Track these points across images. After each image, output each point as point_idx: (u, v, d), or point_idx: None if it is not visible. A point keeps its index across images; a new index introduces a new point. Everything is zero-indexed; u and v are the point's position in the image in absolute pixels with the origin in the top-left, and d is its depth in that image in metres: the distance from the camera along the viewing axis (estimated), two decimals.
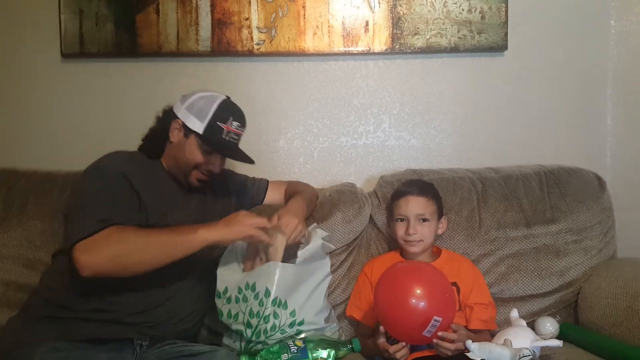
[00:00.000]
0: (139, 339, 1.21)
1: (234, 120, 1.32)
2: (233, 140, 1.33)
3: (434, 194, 1.46)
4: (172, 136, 1.34)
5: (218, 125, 1.30)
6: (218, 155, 1.34)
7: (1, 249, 1.50)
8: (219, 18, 1.74)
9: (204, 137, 1.30)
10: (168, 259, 1.16)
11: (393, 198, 1.48)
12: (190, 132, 1.31)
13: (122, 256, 1.13)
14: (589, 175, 1.68)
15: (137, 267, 1.15)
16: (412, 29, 1.77)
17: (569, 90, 1.84)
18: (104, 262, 1.11)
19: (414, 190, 1.43)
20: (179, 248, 1.17)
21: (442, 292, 1.22)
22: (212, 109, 1.30)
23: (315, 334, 1.37)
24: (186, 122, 1.31)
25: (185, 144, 1.32)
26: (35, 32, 1.77)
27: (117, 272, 1.14)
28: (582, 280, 1.55)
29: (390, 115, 1.83)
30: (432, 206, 1.42)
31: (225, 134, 1.31)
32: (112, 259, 1.12)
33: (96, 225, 1.13)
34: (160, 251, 1.16)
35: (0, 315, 1.43)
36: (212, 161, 1.33)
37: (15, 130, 1.80)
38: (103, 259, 1.11)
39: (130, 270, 1.15)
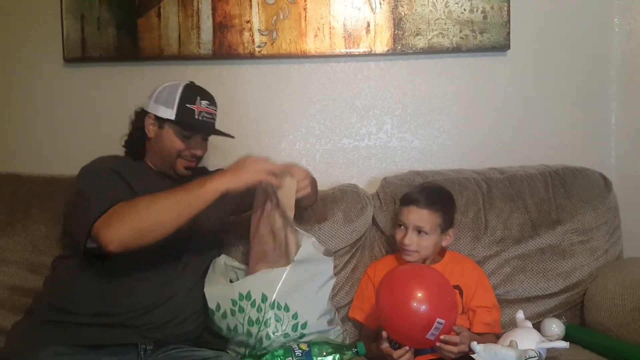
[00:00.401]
0: (143, 344, 1.21)
1: (201, 99, 1.34)
2: (207, 119, 1.35)
3: (443, 207, 1.40)
4: (148, 132, 1.36)
5: (187, 107, 1.32)
6: (197, 138, 1.35)
7: (6, 253, 1.50)
8: (220, 21, 1.74)
9: (177, 121, 1.32)
10: (184, 215, 1.15)
11: (400, 202, 1.46)
12: (164, 121, 1.33)
13: (141, 221, 1.13)
14: (595, 175, 1.66)
15: (158, 230, 1.14)
16: (414, 29, 1.76)
17: (572, 90, 1.83)
18: (126, 231, 1.12)
19: (421, 200, 1.38)
20: (192, 203, 1.15)
21: (443, 295, 1.21)
22: (178, 93, 1.33)
23: (320, 337, 1.37)
24: (157, 114, 1.34)
25: (163, 135, 1.34)
26: (38, 38, 1.78)
27: (141, 239, 1.13)
28: (588, 281, 1.53)
29: (392, 116, 1.82)
30: (436, 219, 1.37)
31: (197, 114, 1.32)
32: (132, 226, 1.12)
33: (106, 204, 1.15)
34: (175, 209, 1.15)
35: (6, 319, 1.44)
36: (192, 145, 1.34)
37: (19, 135, 1.81)
38: (124, 229, 1.12)
39: (152, 234, 1.14)
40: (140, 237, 1.13)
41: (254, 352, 1.33)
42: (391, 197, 1.60)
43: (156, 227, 1.14)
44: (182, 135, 1.33)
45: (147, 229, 1.13)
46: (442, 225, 1.39)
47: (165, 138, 1.34)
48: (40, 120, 1.81)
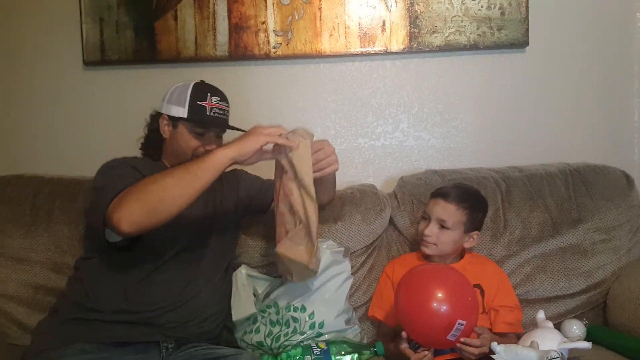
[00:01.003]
0: (165, 342, 1.23)
1: (212, 96, 1.35)
2: (219, 115, 1.35)
3: (470, 206, 1.38)
4: (163, 133, 1.38)
5: (199, 104, 1.33)
6: (211, 134, 1.36)
7: (30, 253, 1.54)
8: (236, 23, 1.75)
9: (190, 119, 1.33)
10: (195, 186, 1.12)
11: (430, 195, 1.45)
12: (177, 121, 1.35)
13: (150, 197, 1.11)
14: (616, 172, 1.63)
15: (168, 205, 1.12)
16: (430, 27, 1.75)
17: (593, 86, 1.80)
18: (136, 209, 1.10)
19: (450, 195, 1.38)
20: (200, 173, 1.13)
21: (464, 295, 1.20)
22: (189, 92, 1.34)
23: (337, 336, 1.37)
24: (170, 113, 1.36)
25: (177, 134, 1.36)
26: (58, 42, 1.81)
27: (153, 216, 1.11)
28: (610, 281, 1.50)
29: (408, 115, 1.81)
30: (460, 217, 1.36)
31: (209, 111, 1.34)
32: (141, 203, 1.10)
33: (117, 190, 1.15)
34: (183, 182, 1.13)
35: (31, 317, 1.49)
36: (206, 142, 1.35)
37: (40, 137, 1.85)
38: (134, 207, 1.10)
39: (163, 210, 1.11)
40: (152, 213, 1.10)
41: (272, 351, 1.35)
42: (408, 196, 1.60)
43: (166, 202, 1.11)
44: (195, 133, 1.34)
45: (157, 204, 1.11)
46: (466, 225, 1.38)
47: (180, 137, 1.35)
48: (61, 122, 1.84)
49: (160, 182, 1.13)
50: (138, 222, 1.10)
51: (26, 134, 1.85)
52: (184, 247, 1.32)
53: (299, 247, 1.20)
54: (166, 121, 1.38)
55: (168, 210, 1.12)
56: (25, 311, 1.51)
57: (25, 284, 1.52)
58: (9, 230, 1.55)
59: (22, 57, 1.83)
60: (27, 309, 1.51)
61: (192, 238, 1.33)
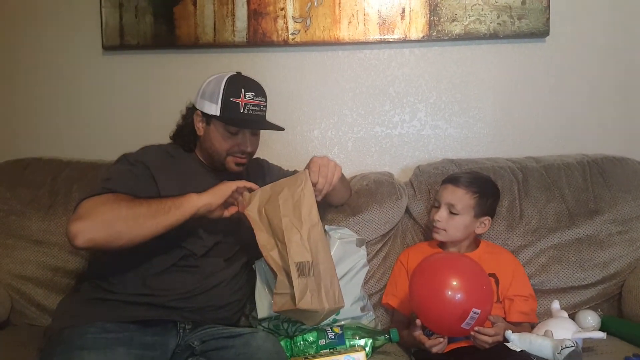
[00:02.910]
0: (182, 322, 1.25)
1: (246, 91, 1.27)
2: (254, 113, 1.28)
3: (479, 190, 1.39)
4: (198, 130, 1.33)
5: (232, 101, 1.26)
6: (245, 133, 1.30)
7: (48, 236, 1.55)
8: (254, 9, 1.75)
9: (223, 117, 1.27)
10: (163, 223, 1.13)
11: (441, 183, 1.47)
12: (210, 118, 1.29)
13: (118, 223, 1.11)
14: (635, 164, 1.63)
15: (134, 234, 1.12)
16: (450, 15, 1.73)
17: (613, 77, 1.78)
18: (100, 229, 1.09)
19: (459, 180, 1.40)
20: (172, 212, 1.14)
21: (479, 284, 1.20)
22: (222, 87, 1.27)
23: (352, 323, 1.38)
24: (203, 110, 1.30)
25: (210, 133, 1.30)
26: (78, 26, 1.82)
27: (113, 240, 1.11)
28: (626, 273, 1.50)
29: (426, 104, 1.80)
30: (469, 201, 1.37)
31: (243, 108, 1.26)
32: (108, 225, 1.10)
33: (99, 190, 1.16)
34: (155, 216, 1.13)
35: (49, 298, 1.51)
36: (241, 141, 1.30)
37: (59, 121, 1.87)
38: (99, 226, 1.09)
39: (126, 238, 1.11)
40: (113, 237, 1.11)
41: (287, 333, 1.37)
42: (425, 185, 1.60)
43: (131, 230, 1.12)
44: (228, 132, 1.28)
45: (122, 230, 1.11)
46: (475, 209, 1.38)
47: (213, 136, 1.30)
48: (80, 106, 1.86)
49: (132, 209, 1.13)
50: (95, 241, 1.10)
51: (45, 117, 1.87)
52: (212, 246, 1.30)
53: (287, 295, 1.12)
54: (200, 117, 1.32)
55: (130, 238, 1.12)
56: (43, 292, 1.53)
57: (43, 266, 1.54)
58: (28, 212, 1.57)
59: (42, 41, 1.84)
60: (45, 291, 1.53)
61: (218, 238, 1.32)
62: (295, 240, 1.12)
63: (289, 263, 1.10)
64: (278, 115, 1.77)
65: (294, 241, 1.12)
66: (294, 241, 1.12)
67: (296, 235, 1.13)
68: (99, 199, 1.15)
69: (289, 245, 1.11)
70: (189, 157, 1.37)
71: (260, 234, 1.16)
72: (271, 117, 1.76)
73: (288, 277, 1.11)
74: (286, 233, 1.12)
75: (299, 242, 1.12)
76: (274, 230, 1.15)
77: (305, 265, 1.11)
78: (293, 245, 1.12)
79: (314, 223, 1.16)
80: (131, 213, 1.12)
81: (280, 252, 1.14)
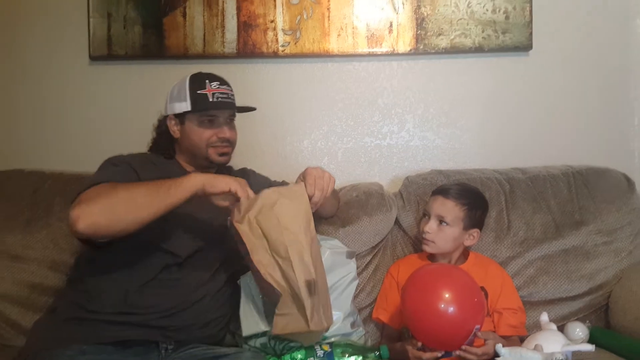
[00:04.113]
0: (164, 343, 1.20)
1: (210, 82, 1.33)
2: (223, 100, 1.33)
3: (469, 202, 1.40)
4: (174, 133, 1.36)
5: (199, 94, 1.31)
6: (220, 121, 1.33)
7: (27, 250, 1.50)
8: (244, 21, 1.75)
9: (195, 110, 1.31)
10: (164, 202, 1.11)
11: (430, 194, 1.47)
12: (183, 116, 1.33)
13: (117, 206, 1.10)
14: (618, 175, 1.65)
15: (134, 216, 1.10)
16: (436, 29, 1.76)
17: (595, 90, 1.82)
18: (99, 212, 1.08)
19: (449, 191, 1.41)
20: (172, 191, 1.12)
21: (471, 296, 1.20)
22: (187, 85, 1.33)
23: (342, 339, 1.36)
24: (175, 111, 1.34)
25: (186, 130, 1.33)
26: (65, 35, 1.80)
27: (114, 224, 1.09)
28: (612, 283, 1.52)
29: (414, 115, 1.82)
30: (459, 213, 1.38)
31: (211, 97, 1.31)
32: (107, 208, 1.09)
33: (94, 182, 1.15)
34: (154, 196, 1.11)
35: (25, 317, 1.45)
36: (218, 130, 1.33)
37: (43, 132, 1.83)
38: (98, 209, 1.08)
39: (127, 220, 1.10)
40: (113, 220, 1.09)
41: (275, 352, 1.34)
42: (414, 196, 1.61)
43: (130, 212, 1.10)
44: (203, 123, 1.32)
45: (122, 212, 1.10)
46: (465, 221, 1.39)
47: (190, 132, 1.33)
48: (65, 117, 1.83)
49: (131, 190, 1.12)
50: (96, 225, 1.08)
51: (30, 128, 1.83)
52: (195, 252, 1.28)
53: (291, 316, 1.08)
54: (174, 121, 1.35)
55: (131, 220, 1.10)
56: (19, 311, 1.47)
57: (20, 283, 1.48)
58: (7, 226, 1.52)
59: (28, 50, 1.81)
60: (21, 309, 1.47)
61: (204, 243, 1.30)
62: (300, 258, 1.08)
63: (297, 282, 1.05)
64: (267, 125, 1.79)
65: (299, 258, 1.07)
66: (299, 258, 1.07)
67: (300, 252, 1.08)
68: (97, 188, 1.14)
69: (295, 263, 1.06)
70: (171, 164, 1.38)
71: (255, 250, 1.10)
72: (260, 127, 1.77)
73: (293, 296, 1.06)
74: (290, 249, 1.08)
75: (303, 259, 1.08)
76: (273, 244, 1.09)
77: (312, 283, 1.08)
78: (299, 263, 1.07)
79: (313, 237, 1.13)
80: (130, 194, 1.11)
81: (282, 269, 1.08)
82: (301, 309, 1.07)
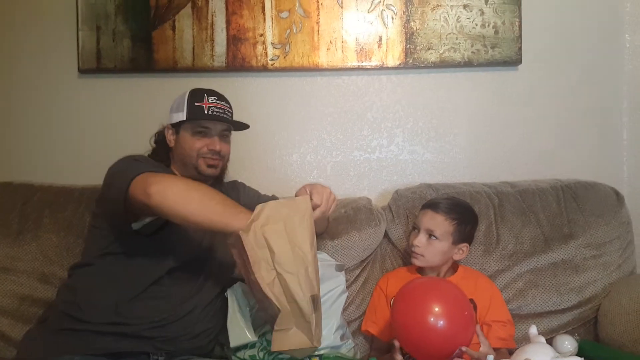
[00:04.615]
0: (155, 354, 1.21)
1: (208, 96, 1.37)
2: (218, 114, 1.37)
3: (459, 217, 1.40)
4: (169, 142, 1.40)
5: (196, 105, 1.35)
6: (214, 134, 1.36)
7: (16, 262, 1.51)
8: (234, 34, 1.76)
9: (189, 119, 1.35)
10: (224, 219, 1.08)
11: (421, 207, 1.47)
12: (179, 126, 1.37)
13: (194, 191, 1.12)
14: (607, 189, 1.66)
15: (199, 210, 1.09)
16: (426, 43, 1.78)
17: (584, 105, 1.84)
18: (177, 187, 1.11)
19: (439, 206, 1.41)
20: (225, 215, 1.09)
21: (460, 311, 1.19)
22: (186, 98, 1.38)
23: (331, 352, 1.36)
24: (172, 121, 1.39)
25: (180, 140, 1.37)
26: (53, 48, 1.80)
27: (181, 204, 1.09)
28: (601, 297, 1.52)
29: (403, 129, 1.83)
30: (448, 227, 1.38)
31: (207, 110, 1.35)
32: (184, 188, 1.12)
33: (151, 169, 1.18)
34: (222, 207, 1.10)
35: (15, 329, 1.45)
36: (211, 142, 1.36)
37: (32, 144, 1.83)
38: (178, 184, 1.13)
39: (192, 208, 1.09)
40: (184, 200, 1.10)
41: None
42: (403, 209, 1.61)
43: (199, 205, 1.10)
44: (196, 132, 1.35)
45: (194, 198, 1.10)
46: (454, 235, 1.39)
47: (183, 141, 1.36)
48: (54, 130, 1.82)
49: (211, 191, 1.14)
50: (169, 197, 1.09)
51: (18, 141, 1.83)
52: (184, 264, 1.30)
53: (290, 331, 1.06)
54: (170, 130, 1.40)
55: (194, 214, 1.09)
56: (9, 322, 1.46)
57: (10, 294, 1.48)
58: None
59: (17, 63, 1.81)
60: (11, 320, 1.47)
61: (191, 255, 1.32)
62: (306, 272, 1.06)
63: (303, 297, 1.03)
64: (257, 139, 1.79)
65: (305, 273, 1.06)
66: (305, 273, 1.06)
67: (306, 266, 1.06)
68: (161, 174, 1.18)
69: (302, 278, 1.05)
70: (168, 171, 1.39)
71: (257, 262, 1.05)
72: (249, 141, 1.77)
73: (294, 312, 1.04)
74: (297, 264, 1.06)
75: (308, 274, 1.06)
76: (278, 257, 1.05)
77: (316, 299, 1.06)
78: (305, 278, 1.05)
79: (315, 252, 1.11)
80: (204, 193, 1.12)
81: (284, 283, 1.05)
82: (301, 325, 1.05)
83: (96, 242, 1.30)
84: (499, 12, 1.77)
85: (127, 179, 1.15)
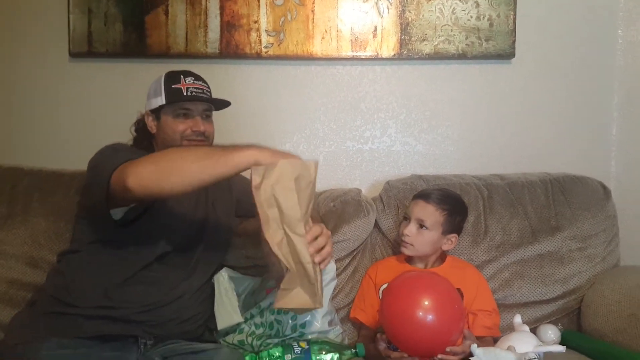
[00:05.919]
0: (143, 338, 1.22)
1: (185, 77, 1.35)
2: (197, 94, 1.35)
3: (449, 208, 1.42)
4: (151, 129, 1.38)
5: (174, 88, 1.33)
6: (196, 115, 1.34)
7: (5, 247, 1.50)
8: (228, 20, 1.74)
9: (169, 102, 1.33)
10: (210, 172, 1.06)
11: (412, 198, 1.49)
12: (159, 111, 1.35)
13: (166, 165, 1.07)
14: (594, 183, 1.68)
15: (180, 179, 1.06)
16: (420, 35, 1.78)
17: (575, 99, 1.85)
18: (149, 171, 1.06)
19: (430, 196, 1.43)
20: (222, 161, 1.05)
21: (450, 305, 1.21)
22: (162, 81, 1.35)
23: (319, 337, 1.38)
24: (151, 107, 1.36)
25: (162, 125, 1.35)
26: (44, 31, 1.77)
27: (161, 183, 1.06)
28: (585, 288, 1.55)
29: (396, 120, 1.83)
30: (439, 217, 1.40)
31: (185, 91, 1.33)
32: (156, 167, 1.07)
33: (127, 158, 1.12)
34: (203, 163, 1.06)
35: (3, 312, 1.44)
36: (194, 124, 1.34)
37: (22, 129, 1.81)
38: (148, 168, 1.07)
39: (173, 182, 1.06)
40: (161, 180, 1.06)
41: (253, 349, 1.35)
42: (394, 200, 1.62)
43: (177, 175, 1.06)
44: (177, 115, 1.33)
45: (170, 173, 1.06)
46: (444, 226, 1.41)
47: (165, 125, 1.34)
48: (44, 114, 1.80)
49: (181, 153, 1.12)
50: (145, 182, 1.05)
51: (6, 125, 1.80)
52: (173, 249, 1.30)
53: (294, 291, 1.06)
54: (150, 117, 1.37)
55: (177, 183, 1.06)
56: None
57: None
58: None
59: (6, 46, 1.78)
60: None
61: (181, 241, 1.32)
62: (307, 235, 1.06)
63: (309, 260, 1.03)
64: (249, 127, 1.79)
65: None
66: None
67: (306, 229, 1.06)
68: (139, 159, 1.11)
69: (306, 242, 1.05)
70: None
71: (266, 221, 1.03)
72: (241, 128, 1.76)
73: (299, 273, 1.04)
74: (305, 226, 1.05)
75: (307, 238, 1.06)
76: (287, 219, 1.03)
77: None
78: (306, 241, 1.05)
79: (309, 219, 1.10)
80: (180, 155, 1.09)
81: (292, 245, 1.04)
82: (305, 286, 1.06)
83: (84, 231, 1.30)
84: (494, 5, 1.77)
85: (105, 177, 1.12)
